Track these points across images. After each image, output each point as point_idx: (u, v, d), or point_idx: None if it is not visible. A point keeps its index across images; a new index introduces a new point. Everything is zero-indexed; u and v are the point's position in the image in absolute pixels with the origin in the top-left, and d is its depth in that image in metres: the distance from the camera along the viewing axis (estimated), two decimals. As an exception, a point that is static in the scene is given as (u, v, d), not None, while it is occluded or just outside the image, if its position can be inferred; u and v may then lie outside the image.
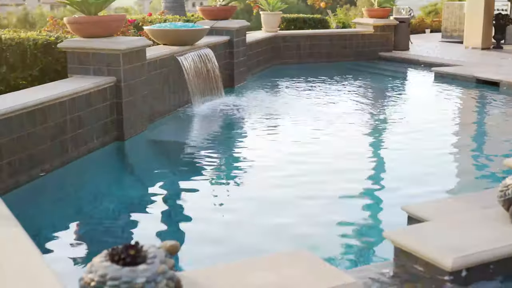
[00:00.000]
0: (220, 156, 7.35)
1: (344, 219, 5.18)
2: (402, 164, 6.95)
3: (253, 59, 13.18)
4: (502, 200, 3.56)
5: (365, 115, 9.64)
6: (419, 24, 23.12)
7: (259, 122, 8.99)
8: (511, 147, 7.58)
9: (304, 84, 12.48)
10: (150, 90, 8.32)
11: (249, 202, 5.70)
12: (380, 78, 13.54)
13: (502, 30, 17.07)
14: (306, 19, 17.59)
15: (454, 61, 14.17)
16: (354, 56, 15.57)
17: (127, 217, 5.38)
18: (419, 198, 5.44)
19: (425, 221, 3.97)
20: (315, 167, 6.75)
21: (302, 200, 5.66)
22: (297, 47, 14.90)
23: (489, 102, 10.77)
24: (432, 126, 8.69)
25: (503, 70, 12.58)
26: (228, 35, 11.46)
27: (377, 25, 15.75)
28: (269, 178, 6.42)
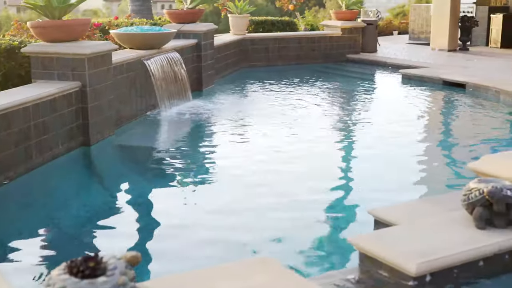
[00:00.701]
0: (188, 161, 7.30)
1: (310, 224, 5.17)
2: (370, 167, 6.96)
3: (221, 62, 13.14)
4: (465, 204, 3.58)
5: (333, 118, 9.68)
6: (387, 26, 23.31)
7: (228, 126, 8.96)
8: (477, 149, 7.65)
9: (273, 86, 12.48)
10: (117, 95, 8.24)
11: (217, 207, 5.66)
12: (348, 81, 13.59)
13: (467, 32, 17.27)
14: (274, 21, 17.60)
15: (421, 63, 14.29)
16: (322, 58, 15.63)
17: (93, 225, 5.30)
18: (386, 201, 5.46)
19: (392, 225, 3.98)
20: (283, 171, 6.73)
21: (269, 205, 5.64)
22: (265, 49, 14.91)
23: (456, 103, 10.88)
24: (399, 129, 8.74)
25: (469, 72, 12.72)
26: (196, 38, 11.41)
27: (345, 27, 15.83)
28: (237, 183, 6.40)
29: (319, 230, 5.02)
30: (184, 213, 5.55)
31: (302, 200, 5.80)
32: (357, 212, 5.47)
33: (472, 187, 3.54)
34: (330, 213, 5.47)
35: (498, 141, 8.07)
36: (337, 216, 5.44)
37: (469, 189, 3.56)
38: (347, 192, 6.09)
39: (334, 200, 5.82)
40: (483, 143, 7.91)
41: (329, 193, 6.01)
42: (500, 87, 10.73)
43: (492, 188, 3.42)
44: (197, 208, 5.68)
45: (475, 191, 3.50)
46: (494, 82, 11.20)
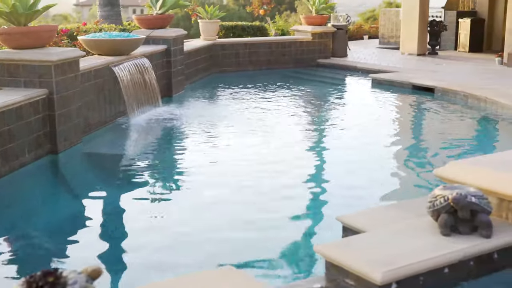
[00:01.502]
0: (157, 168, 7.24)
1: (279, 232, 5.15)
2: (339, 172, 6.98)
3: (192, 67, 13.09)
4: (431, 211, 3.59)
5: (304, 123, 9.69)
6: (357, 30, 23.45)
7: (198, 132, 8.92)
8: (445, 154, 7.71)
9: (243, 92, 12.47)
10: (85, 102, 8.16)
11: (186, 215, 5.62)
12: (318, 85, 13.63)
13: (436, 36, 17.44)
14: (245, 26, 17.61)
15: (391, 68, 14.39)
16: (293, 63, 15.66)
17: (60, 235, 5.23)
18: (356, 206, 5.46)
19: (360, 231, 3.98)
20: (253, 177, 6.71)
21: (238, 213, 5.62)
22: (236, 55, 14.90)
23: (425, 108, 10.96)
24: (369, 134, 8.79)
25: (438, 76, 12.83)
26: (165, 44, 11.36)
27: (315, 32, 15.88)
28: (206, 189, 6.36)
29: (287, 238, 5.00)
30: (153, 221, 5.50)
31: (271, 207, 5.79)
32: (327, 218, 5.46)
33: (437, 194, 3.55)
34: (300, 219, 5.46)
35: (466, 146, 8.14)
36: (306, 223, 5.44)
37: (434, 196, 3.57)
38: (317, 198, 6.09)
39: (303, 206, 5.81)
40: (451, 148, 7.98)
41: (298, 199, 6.00)
42: (468, 91, 10.84)
43: (457, 194, 3.43)
44: (166, 216, 5.63)
45: (440, 198, 3.51)
46: (462, 86, 11.31)
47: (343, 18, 17.55)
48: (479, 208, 3.44)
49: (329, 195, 6.17)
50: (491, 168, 3.88)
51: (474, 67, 14.44)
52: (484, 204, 3.47)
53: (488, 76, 12.92)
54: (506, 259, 3.53)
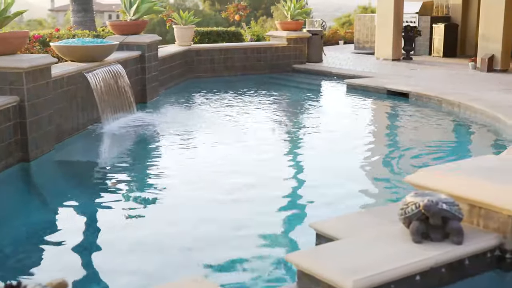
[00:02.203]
0: (131, 176, 7.18)
1: (252, 239, 5.11)
2: (314, 178, 6.96)
3: (166, 73, 13.03)
4: (402, 218, 3.58)
5: (279, 129, 9.68)
6: (333, 35, 23.52)
7: (172, 139, 8.86)
8: (420, 159, 7.74)
9: (219, 98, 12.44)
10: (57, 109, 8.07)
11: (159, 223, 5.57)
12: (294, 91, 13.63)
13: (411, 41, 17.54)
14: (220, 32, 17.59)
15: (366, 73, 14.44)
16: (268, 68, 15.66)
17: (32, 244, 5.15)
18: (329, 213, 5.46)
19: (333, 238, 3.96)
20: (228, 184, 6.68)
21: (211, 219, 5.57)
22: (211, 60, 14.86)
23: (399, 113, 11.01)
24: (344, 139, 8.80)
25: (412, 81, 12.91)
26: (139, 50, 11.29)
27: (290, 37, 15.90)
28: (181, 197, 6.32)
29: (259, 246, 4.97)
30: (126, 229, 5.44)
31: (245, 213, 5.76)
32: (301, 225, 5.45)
33: (409, 201, 3.54)
34: (273, 227, 5.43)
35: (440, 152, 8.18)
36: (280, 230, 5.41)
37: (405, 203, 3.56)
38: (291, 205, 6.06)
39: (277, 213, 5.79)
40: (425, 154, 8.00)
41: (272, 206, 5.97)
42: (442, 96, 10.92)
43: (428, 201, 3.42)
44: (139, 224, 5.58)
45: (411, 205, 3.50)
46: (436, 91, 11.39)
47: (318, 24, 17.59)
48: (450, 215, 3.44)
49: (303, 201, 6.16)
50: (462, 174, 3.88)
51: (448, 72, 14.55)
52: (455, 210, 3.46)
53: (461, 81, 13.02)
54: (477, 266, 3.53)
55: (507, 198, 3.56)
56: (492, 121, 9.33)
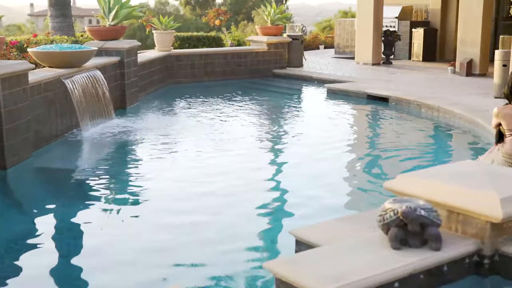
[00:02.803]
0: (111, 183, 7.10)
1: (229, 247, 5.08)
2: (295, 184, 6.94)
3: (146, 79, 12.97)
4: (381, 225, 3.56)
5: (259, 134, 9.66)
6: (313, 40, 23.55)
7: (152, 145, 8.80)
8: (400, 164, 7.76)
9: (199, 103, 12.39)
10: (34, 116, 7.98)
11: (139, 230, 5.52)
12: (274, 96, 13.61)
13: (391, 46, 17.62)
14: (200, 37, 17.55)
15: (346, 77, 14.47)
16: (249, 73, 15.64)
17: (9, 253, 5.07)
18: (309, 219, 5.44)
19: (312, 245, 3.94)
20: (208, 190, 6.65)
21: (191, 227, 5.53)
22: (191, 65, 14.81)
23: (379, 118, 11.03)
24: (324, 144, 8.76)
25: (392, 86, 12.95)
26: (119, 56, 11.22)
27: (270, 42, 15.90)
28: (160, 204, 6.27)
29: (239, 252, 4.94)
30: (105, 237, 5.38)
31: (224, 220, 5.73)
32: (280, 232, 5.43)
33: (387, 207, 3.53)
34: (253, 234, 5.40)
35: (419, 157, 8.19)
36: (259, 237, 5.38)
37: (384, 210, 3.54)
38: (271, 211, 6.04)
39: (257, 220, 5.76)
40: (405, 159, 8.02)
41: (252, 213, 5.95)
42: (421, 100, 10.96)
43: (406, 208, 3.41)
44: (118, 232, 5.52)
45: (389, 211, 3.49)
46: (415, 95, 11.44)
47: (298, 28, 17.61)
48: (429, 221, 3.43)
49: (283, 208, 6.13)
50: (440, 180, 3.88)
51: (427, 76, 14.61)
52: (434, 217, 3.45)
53: (441, 85, 13.09)
54: (456, 271, 3.52)
55: (485, 203, 3.56)
56: (471, 125, 9.37)
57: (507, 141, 6.07)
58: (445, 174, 4.00)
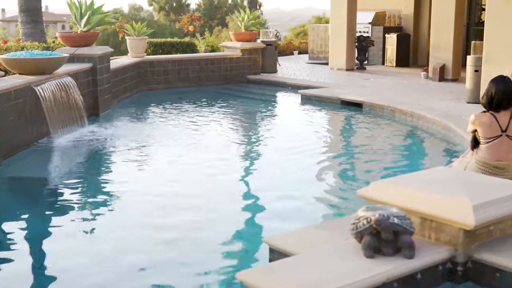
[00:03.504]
0: (82, 191, 7.00)
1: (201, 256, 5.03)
2: (268, 192, 6.89)
3: (119, 85, 12.86)
4: (354, 233, 3.54)
5: (234, 141, 9.62)
6: (287, 46, 23.58)
7: (125, 152, 8.71)
8: (374, 170, 7.76)
9: (172, 110, 12.31)
10: (4, 124, 7.86)
11: (111, 239, 5.45)
12: (248, 102, 13.57)
13: (364, 51, 17.69)
14: (174, 43, 17.47)
15: (320, 83, 14.48)
16: (223, 79, 15.59)
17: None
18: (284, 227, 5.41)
19: (287, 253, 3.91)
20: (181, 199, 6.59)
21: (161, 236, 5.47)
22: (164, 72, 14.72)
23: (353, 123, 11.05)
24: (298, 151, 8.71)
25: (366, 91, 12.98)
26: (91, 62, 11.10)
27: (244, 48, 15.87)
28: (134, 214, 6.18)
29: (213, 262, 4.88)
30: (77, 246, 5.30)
31: (197, 229, 5.67)
32: (255, 240, 5.38)
33: (360, 215, 3.51)
34: (227, 242, 5.35)
35: (393, 163, 8.21)
36: (233, 246, 5.33)
37: (357, 218, 3.52)
38: (245, 220, 6.00)
39: (231, 229, 5.70)
40: (379, 165, 8.03)
41: (226, 222, 5.90)
42: (395, 106, 11.00)
43: (379, 216, 3.39)
44: (90, 241, 5.44)
45: (363, 219, 3.47)
46: (389, 101, 11.48)
47: (272, 34, 17.61)
48: (402, 229, 3.42)
49: (257, 216, 6.09)
50: (413, 187, 3.87)
51: (400, 82, 14.68)
52: (407, 224, 3.44)
53: (414, 90, 13.16)
54: (429, 279, 3.52)
55: (458, 210, 3.56)
56: (444, 131, 9.41)
57: (482, 148, 6.09)
58: (418, 181, 4.00)
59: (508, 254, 3.58)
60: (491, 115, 5.97)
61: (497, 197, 3.69)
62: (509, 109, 6.03)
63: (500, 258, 3.55)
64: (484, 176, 4.29)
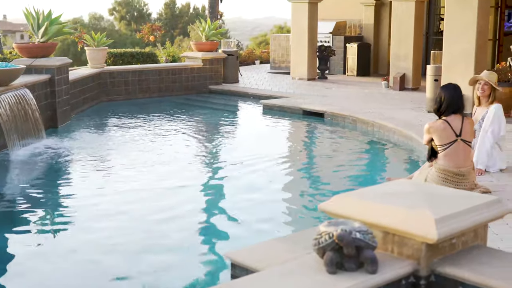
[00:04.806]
0: (42, 206, 6.84)
1: (161, 272, 4.93)
2: (230, 206, 6.82)
3: (78, 97, 12.66)
4: (316, 249, 3.47)
5: (194, 152, 9.53)
6: (249, 55, 23.56)
7: (84, 166, 8.55)
8: (337, 180, 7.74)
9: (132, 121, 12.16)
10: (-42, 137, 7.66)
11: (67, 257, 5.31)
12: (209, 113, 13.48)
13: (325, 60, 17.75)
14: (134, 53, 17.31)
15: (282, 93, 14.46)
16: (184, 90, 15.49)
17: None
18: (246, 240, 5.35)
19: (249, 268, 3.83)
20: (140, 213, 6.49)
21: (123, 253, 5.35)
22: (125, 82, 14.56)
23: (315, 134, 11.04)
24: (259, 164, 8.61)
25: (328, 101, 13.00)
26: (49, 73, 10.90)
27: (205, 58, 15.79)
28: (91, 229, 6.06)
29: (172, 279, 4.79)
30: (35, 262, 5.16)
31: (157, 244, 5.57)
32: (216, 255, 5.30)
33: (322, 230, 3.44)
34: (188, 259, 5.26)
35: (356, 173, 8.21)
36: (195, 262, 5.24)
37: (319, 233, 3.45)
38: (206, 234, 5.91)
39: (192, 243, 5.62)
40: (341, 177, 8.01)
41: (186, 236, 5.81)
42: (356, 115, 11.03)
43: (341, 231, 3.33)
44: (46, 257, 5.30)
45: (325, 235, 3.40)
46: (350, 110, 11.51)
47: (233, 44, 17.58)
48: (364, 244, 3.36)
49: (218, 230, 6.01)
50: (375, 200, 3.82)
51: (362, 91, 14.75)
52: (369, 239, 3.39)
53: (375, 99, 13.22)
54: (393, 294, 3.46)
55: (420, 224, 3.52)
56: (405, 140, 9.46)
57: (440, 156, 6.13)
58: (380, 194, 3.96)
59: (471, 266, 3.56)
60: (444, 121, 6.05)
61: (459, 210, 3.66)
62: (459, 113, 6.11)
63: (463, 271, 3.53)
64: (445, 188, 4.26)
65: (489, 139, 7.04)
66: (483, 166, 7.05)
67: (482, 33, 10.64)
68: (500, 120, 7.08)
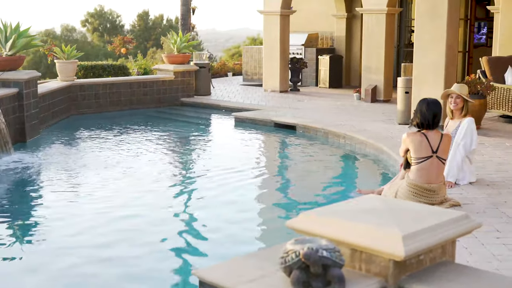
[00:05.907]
0: (8, 224, 6.70)
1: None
2: (200, 221, 6.75)
3: (48, 110, 12.51)
4: (283, 267, 3.42)
5: (165, 166, 9.43)
6: (221, 67, 23.52)
7: (53, 181, 8.42)
8: (308, 194, 7.71)
9: (103, 135, 12.03)
10: None
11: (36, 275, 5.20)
12: (181, 126, 13.39)
13: (298, 73, 17.76)
14: (105, 66, 17.17)
15: (254, 105, 14.43)
16: (155, 102, 15.39)
17: None
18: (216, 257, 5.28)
19: (217, 285, 3.76)
20: (109, 230, 6.37)
21: (91, 270, 5.25)
22: (95, 95, 14.42)
23: (286, 147, 11.00)
24: (229, 178, 8.52)
25: (300, 113, 12.99)
26: (17, 87, 10.74)
27: (177, 71, 15.72)
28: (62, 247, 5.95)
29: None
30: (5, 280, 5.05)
31: (125, 261, 5.47)
32: (184, 273, 5.23)
33: (289, 249, 3.40)
34: (157, 275, 5.17)
35: (327, 187, 8.19)
36: (163, 279, 5.15)
37: (286, 251, 3.41)
38: (175, 250, 5.82)
39: (161, 259, 5.53)
40: (312, 191, 7.97)
41: (155, 252, 5.72)
42: (328, 128, 11.03)
43: (308, 250, 3.28)
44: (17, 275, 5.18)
45: (291, 253, 3.36)
46: (322, 123, 11.51)
47: (205, 56, 17.53)
48: (331, 262, 3.32)
49: (188, 246, 5.94)
50: (343, 217, 3.79)
51: (334, 103, 14.76)
52: (336, 257, 3.34)
53: (347, 111, 13.24)
54: (361, 312, 3.42)
55: (388, 241, 3.49)
56: (376, 152, 9.47)
57: (412, 170, 6.13)
58: (347, 211, 3.92)
59: (438, 283, 3.53)
60: (422, 134, 6.06)
61: (427, 226, 3.64)
62: (437, 129, 6.13)
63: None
64: (414, 204, 4.24)
65: (460, 152, 7.07)
66: (453, 179, 7.08)
67: (451, 45, 10.71)
68: (473, 134, 7.13)
